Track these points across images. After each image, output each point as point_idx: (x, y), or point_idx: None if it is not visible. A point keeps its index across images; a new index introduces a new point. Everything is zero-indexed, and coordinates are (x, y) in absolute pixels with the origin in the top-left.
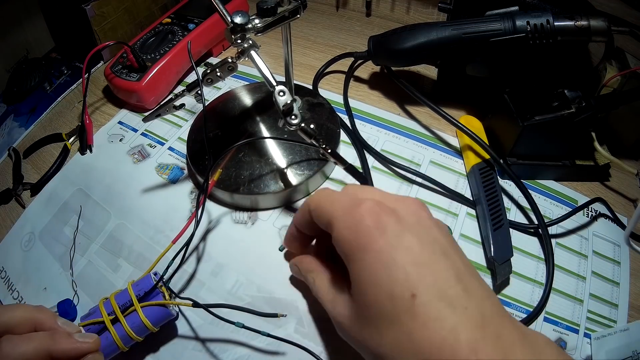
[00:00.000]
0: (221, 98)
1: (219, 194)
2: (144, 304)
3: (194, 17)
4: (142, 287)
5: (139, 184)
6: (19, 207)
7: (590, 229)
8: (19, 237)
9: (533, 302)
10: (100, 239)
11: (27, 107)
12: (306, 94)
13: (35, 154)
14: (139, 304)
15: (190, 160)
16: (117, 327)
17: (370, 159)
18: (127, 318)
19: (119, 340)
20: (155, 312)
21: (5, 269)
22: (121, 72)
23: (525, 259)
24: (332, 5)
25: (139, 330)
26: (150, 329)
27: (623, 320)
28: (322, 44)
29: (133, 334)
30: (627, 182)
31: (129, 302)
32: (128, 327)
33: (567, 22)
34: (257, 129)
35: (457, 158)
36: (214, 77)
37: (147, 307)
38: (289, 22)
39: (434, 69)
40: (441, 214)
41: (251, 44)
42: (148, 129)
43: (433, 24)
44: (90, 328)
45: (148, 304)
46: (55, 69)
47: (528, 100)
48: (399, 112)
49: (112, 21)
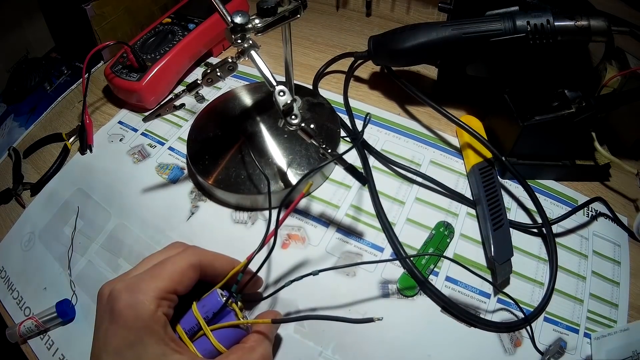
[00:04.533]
0: (221, 98)
1: (219, 194)
2: (214, 327)
3: (194, 17)
4: (210, 307)
5: (139, 183)
6: (19, 207)
7: (590, 229)
8: (19, 237)
9: (533, 302)
10: (101, 239)
11: (27, 107)
12: (306, 94)
13: (35, 153)
14: (209, 328)
15: (191, 160)
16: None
17: (370, 158)
18: (196, 344)
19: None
20: (227, 334)
21: (5, 269)
22: (121, 72)
23: (525, 258)
24: (332, 5)
25: (210, 355)
26: (222, 352)
27: (623, 320)
28: (322, 44)
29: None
30: (627, 182)
31: (196, 326)
32: (199, 355)
33: (568, 22)
34: (257, 129)
35: (457, 158)
36: (214, 77)
37: (217, 330)
38: (289, 22)
39: (434, 69)
40: (441, 213)
41: (251, 44)
42: (148, 129)
43: (433, 24)
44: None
45: (220, 327)
46: (55, 69)
47: (528, 100)
48: (399, 112)
49: (112, 21)
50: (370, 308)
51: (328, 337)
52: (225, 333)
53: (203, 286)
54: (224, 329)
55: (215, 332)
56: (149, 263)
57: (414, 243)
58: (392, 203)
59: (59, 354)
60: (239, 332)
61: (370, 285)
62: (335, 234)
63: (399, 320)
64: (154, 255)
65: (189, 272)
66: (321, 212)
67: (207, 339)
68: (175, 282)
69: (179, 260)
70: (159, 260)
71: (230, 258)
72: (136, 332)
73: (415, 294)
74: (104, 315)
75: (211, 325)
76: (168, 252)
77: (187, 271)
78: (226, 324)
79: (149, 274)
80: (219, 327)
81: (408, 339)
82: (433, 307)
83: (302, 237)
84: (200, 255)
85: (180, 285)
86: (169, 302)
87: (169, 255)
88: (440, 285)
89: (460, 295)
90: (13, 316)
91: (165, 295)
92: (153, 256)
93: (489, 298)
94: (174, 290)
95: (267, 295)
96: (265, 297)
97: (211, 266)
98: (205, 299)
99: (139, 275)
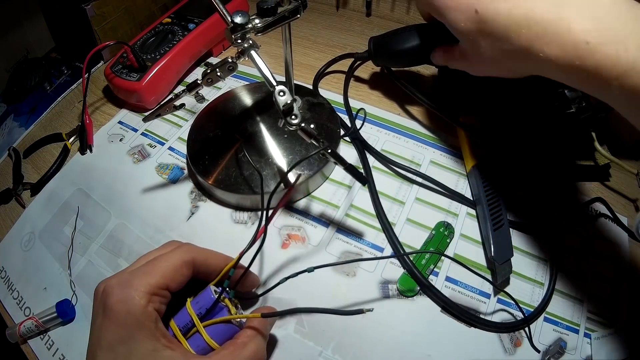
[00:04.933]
0: (221, 98)
1: (219, 194)
2: (206, 323)
3: (194, 17)
4: (203, 303)
5: (139, 183)
6: (19, 207)
7: (590, 229)
8: (19, 237)
9: (533, 302)
10: (101, 239)
11: (27, 107)
12: (306, 94)
13: (35, 153)
14: (202, 324)
15: (191, 160)
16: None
17: (370, 158)
18: (189, 341)
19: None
20: (220, 330)
21: (5, 269)
22: (121, 72)
23: (525, 258)
24: (332, 5)
25: (203, 352)
26: (215, 348)
27: (623, 320)
28: (322, 44)
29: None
30: (627, 182)
31: (190, 323)
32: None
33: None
34: (257, 129)
35: (457, 158)
36: (214, 77)
37: (211, 326)
38: (289, 22)
39: (434, 69)
40: (441, 214)
41: (251, 43)
42: (148, 129)
43: (433, 25)
44: None
45: (212, 323)
46: (55, 69)
47: (528, 100)
48: (399, 112)
49: (112, 21)
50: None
51: (328, 337)
52: (218, 329)
53: (200, 284)
54: (217, 326)
55: (208, 328)
56: (144, 260)
57: (414, 243)
58: (392, 203)
59: (59, 354)
60: (233, 328)
61: (370, 285)
62: (335, 234)
63: (399, 321)
64: (150, 253)
65: (181, 268)
66: (321, 212)
67: (200, 335)
68: (167, 279)
69: (171, 257)
70: (153, 257)
71: (224, 255)
72: (128, 328)
73: (415, 295)
74: (98, 310)
75: (204, 322)
76: (163, 249)
77: (179, 268)
78: (218, 319)
79: (141, 271)
80: (211, 323)
81: (408, 339)
82: (433, 307)
83: (302, 237)
84: (194, 252)
85: (172, 281)
86: (161, 298)
87: (164, 252)
88: (440, 285)
89: (460, 296)
90: (13, 316)
91: (157, 291)
92: (149, 254)
93: (489, 298)
94: (165, 286)
95: (262, 293)
96: (260, 294)
97: (205, 263)
98: (199, 296)
99: (132, 271)
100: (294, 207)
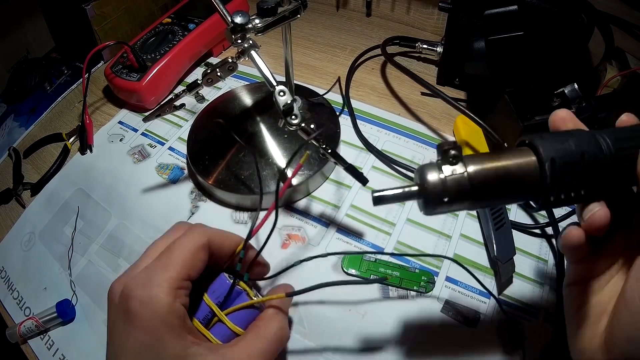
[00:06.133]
0: (221, 98)
1: (219, 194)
2: (228, 311)
3: (194, 17)
4: (220, 292)
5: (139, 183)
6: (19, 207)
7: None
8: (19, 237)
9: (534, 302)
10: (101, 239)
11: (27, 107)
12: (306, 94)
13: (35, 154)
14: (222, 312)
15: (191, 160)
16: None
17: (371, 158)
18: (212, 331)
19: None
20: (241, 315)
21: (5, 269)
22: (121, 72)
23: (526, 259)
24: (332, 5)
25: (228, 339)
26: (240, 333)
27: None
28: (322, 44)
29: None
30: None
31: (210, 314)
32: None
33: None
34: (257, 129)
35: None
36: (214, 77)
37: (232, 313)
38: (289, 22)
39: (434, 69)
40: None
41: (251, 44)
42: (148, 129)
43: None
44: None
45: (233, 310)
46: (56, 69)
47: (528, 100)
48: (399, 112)
49: (112, 21)
50: (371, 308)
51: (328, 337)
52: (239, 315)
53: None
54: (238, 312)
55: (230, 315)
56: (156, 251)
57: (414, 243)
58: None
59: (59, 354)
60: (254, 312)
61: (370, 285)
62: (335, 234)
63: (399, 321)
64: (158, 242)
65: (199, 253)
66: (321, 212)
67: (222, 324)
68: (187, 268)
69: (187, 243)
70: (164, 246)
71: (236, 236)
72: (154, 332)
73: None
74: (117, 315)
75: (224, 310)
76: (172, 235)
77: (197, 253)
78: (240, 305)
79: (159, 264)
80: (232, 311)
81: (408, 338)
82: (433, 307)
83: (302, 237)
84: (207, 233)
85: (193, 269)
86: (185, 291)
87: (174, 238)
88: (441, 285)
89: (460, 296)
90: (13, 316)
91: (181, 284)
92: (158, 243)
93: (489, 298)
94: (187, 276)
95: (273, 275)
96: (271, 276)
97: (219, 245)
98: (213, 285)
99: (149, 266)
100: (294, 207)
